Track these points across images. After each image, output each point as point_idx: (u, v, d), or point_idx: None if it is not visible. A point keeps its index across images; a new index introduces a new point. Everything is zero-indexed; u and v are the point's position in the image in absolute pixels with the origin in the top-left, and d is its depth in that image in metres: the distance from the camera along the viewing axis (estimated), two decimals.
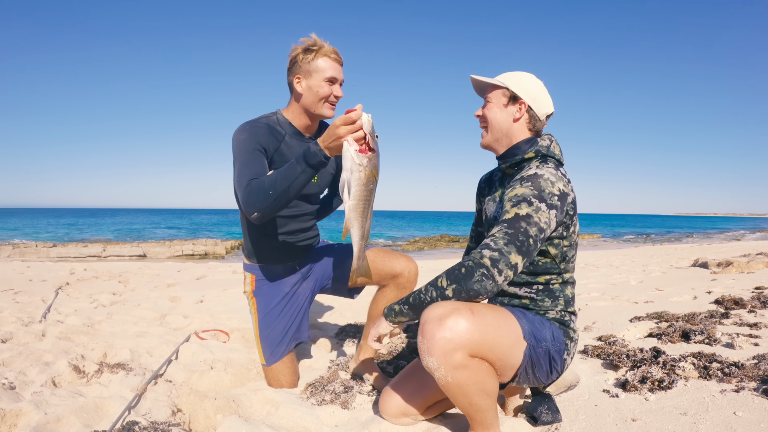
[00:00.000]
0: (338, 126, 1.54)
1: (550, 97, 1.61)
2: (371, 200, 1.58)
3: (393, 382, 1.71)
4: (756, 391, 1.63)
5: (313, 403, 1.85)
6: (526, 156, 1.54)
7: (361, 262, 1.68)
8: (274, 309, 2.09)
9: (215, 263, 9.75)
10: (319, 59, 1.86)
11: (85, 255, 13.30)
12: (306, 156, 1.63)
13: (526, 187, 1.40)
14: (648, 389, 1.74)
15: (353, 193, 1.53)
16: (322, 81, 1.87)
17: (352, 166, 1.51)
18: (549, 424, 1.58)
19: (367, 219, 1.59)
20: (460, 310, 1.29)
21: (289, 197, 1.66)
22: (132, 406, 1.75)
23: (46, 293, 4.58)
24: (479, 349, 1.30)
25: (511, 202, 1.39)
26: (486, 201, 1.73)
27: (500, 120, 1.58)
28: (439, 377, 1.31)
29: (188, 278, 6.19)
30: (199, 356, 2.44)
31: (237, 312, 3.67)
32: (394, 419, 1.64)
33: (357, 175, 1.52)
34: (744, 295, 3.40)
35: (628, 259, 8.55)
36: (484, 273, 1.30)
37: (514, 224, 1.34)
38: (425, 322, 1.31)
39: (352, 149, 1.51)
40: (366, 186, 1.53)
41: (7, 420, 1.60)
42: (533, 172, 1.45)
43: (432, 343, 1.27)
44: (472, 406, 1.37)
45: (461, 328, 1.27)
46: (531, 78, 1.59)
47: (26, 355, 2.32)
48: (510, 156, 1.59)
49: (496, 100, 1.58)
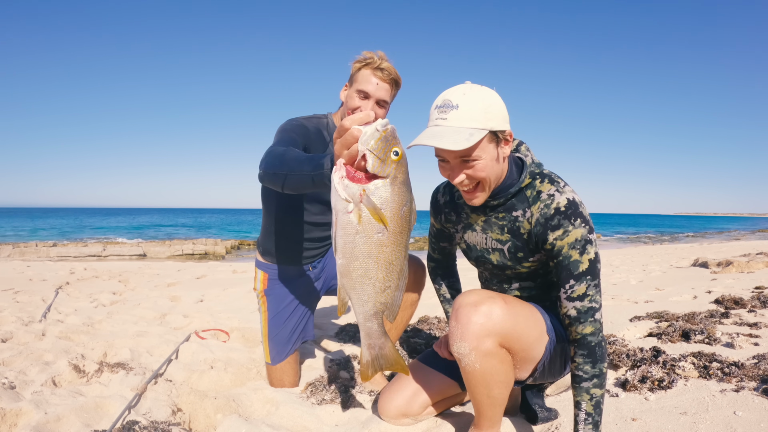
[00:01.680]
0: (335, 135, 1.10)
1: None
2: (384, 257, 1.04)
3: (392, 382, 1.71)
4: (756, 391, 1.63)
5: (314, 403, 1.85)
6: (522, 185, 1.38)
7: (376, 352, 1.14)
8: (285, 309, 2.07)
9: (215, 263, 9.75)
10: (363, 70, 1.80)
11: (85, 254, 13.30)
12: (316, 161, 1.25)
13: (579, 227, 1.32)
14: (648, 389, 1.74)
15: (340, 246, 1.03)
16: (355, 92, 1.81)
17: (336, 203, 1.01)
18: (547, 421, 1.59)
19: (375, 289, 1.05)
20: (494, 298, 1.31)
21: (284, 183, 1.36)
22: (132, 405, 1.75)
23: (46, 293, 4.58)
24: (509, 338, 1.32)
25: (576, 250, 1.32)
26: (458, 228, 1.57)
27: (498, 169, 1.32)
28: (467, 363, 1.31)
29: (188, 278, 6.19)
30: (199, 356, 2.44)
31: (237, 311, 3.67)
32: (393, 420, 1.63)
33: (344, 219, 1.00)
34: (744, 295, 3.40)
35: (628, 259, 8.55)
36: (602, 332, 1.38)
37: (594, 272, 1.34)
38: (459, 307, 1.31)
39: (337, 176, 1.00)
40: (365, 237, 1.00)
41: (8, 419, 1.60)
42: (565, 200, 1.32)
43: (467, 327, 1.28)
44: (489, 398, 1.37)
45: (496, 314, 1.28)
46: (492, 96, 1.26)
47: (26, 355, 2.32)
48: (503, 192, 1.39)
49: (487, 153, 1.26)
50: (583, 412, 1.32)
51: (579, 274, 1.33)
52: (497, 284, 1.56)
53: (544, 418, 1.59)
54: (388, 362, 1.17)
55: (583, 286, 1.33)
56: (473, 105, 1.21)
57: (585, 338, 1.34)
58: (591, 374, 1.33)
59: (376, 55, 1.81)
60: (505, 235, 1.43)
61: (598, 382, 1.33)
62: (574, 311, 1.34)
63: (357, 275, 1.04)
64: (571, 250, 1.32)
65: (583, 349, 1.34)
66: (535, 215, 1.36)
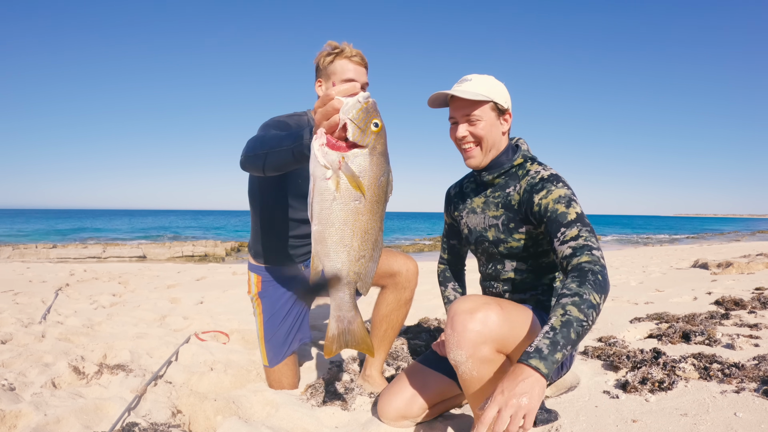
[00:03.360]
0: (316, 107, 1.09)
1: None
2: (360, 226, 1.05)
3: (391, 384, 1.71)
4: (756, 392, 1.62)
5: (313, 405, 1.84)
6: (515, 163, 1.57)
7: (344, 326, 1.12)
8: (280, 311, 2.07)
9: (215, 264, 9.75)
10: (337, 62, 1.84)
11: (84, 256, 13.29)
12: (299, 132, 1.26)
13: (562, 188, 1.44)
14: (648, 390, 1.74)
15: (316, 212, 1.04)
16: (339, 83, 1.82)
17: (315, 169, 1.03)
18: (547, 422, 1.58)
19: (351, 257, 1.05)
20: (489, 304, 1.31)
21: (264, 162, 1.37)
22: (132, 407, 1.75)
23: (46, 294, 4.57)
24: (505, 344, 1.31)
25: (561, 204, 1.41)
26: (463, 214, 1.73)
27: (495, 137, 1.56)
28: (464, 371, 1.31)
29: (188, 279, 6.18)
30: (199, 357, 2.43)
31: (237, 313, 3.67)
32: (392, 422, 1.63)
33: (321, 185, 1.02)
34: (744, 296, 3.40)
35: (628, 260, 8.55)
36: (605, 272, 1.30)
37: (584, 221, 1.37)
38: (455, 315, 1.31)
39: (317, 144, 1.03)
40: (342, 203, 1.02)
41: (7, 421, 1.60)
42: (549, 172, 1.50)
43: (463, 335, 1.27)
44: None
45: (492, 321, 1.28)
46: (498, 82, 1.57)
47: (26, 357, 2.32)
48: (497, 167, 1.59)
49: (487, 116, 1.53)
50: (548, 325, 1.15)
51: (569, 221, 1.37)
52: (493, 268, 1.63)
53: (543, 419, 1.59)
54: (354, 339, 1.15)
55: (574, 230, 1.36)
56: (483, 81, 1.53)
57: (580, 264, 1.27)
58: (574, 291, 1.19)
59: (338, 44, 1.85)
60: (500, 210, 1.58)
61: (579, 301, 1.17)
62: (569, 250, 1.34)
63: (332, 242, 1.04)
64: (556, 205, 1.41)
65: (574, 272, 1.26)
66: (523, 186, 1.52)
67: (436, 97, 1.55)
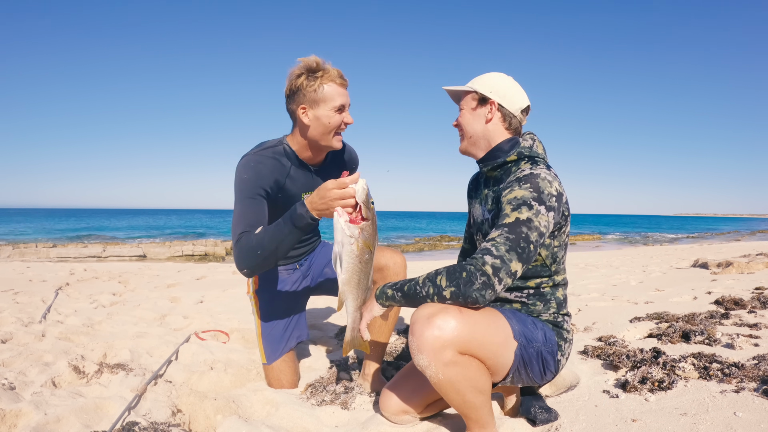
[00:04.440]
0: (330, 189, 1.44)
1: (522, 90, 1.59)
2: (367, 271, 1.47)
3: (392, 381, 1.71)
4: (756, 392, 1.62)
5: (313, 404, 1.84)
6: (508, 159, 1.54)
7: (355, 334, 1.54)
8: (276, 307, 2.11)
9: (215, 264, 9.75)
10: (325, 86, 1.72)
11: (84, 255, 13.29)
12: (293, 218, 1.57)
13: (525, 189, 1.38)
14: (648, 390, 1.74)
15: (345, 266, 1.43)
16: (331, 110, 1.74)
17: (343, 238, 1.41)
18: (547, 423, 1.58)
19: (362, 291, 1.49)
20: (448, 309, 1.32)
21: (278, 257, 1.64)
22: (132, 406, 1.75)
23: (46, 293, 4.57)
24: (468, 346, 1.32)
25: (511, 205, 1.37)
26: (474, 202, 1.74)
27: (473, 125, 1.58)
28: (431, 375, 1.33)
29: (188, 279, 6.18)
30: (199, 357, 2.43)
31: (237, 312, 3.67)
32: (394, 417, 1.64)
33: (348, 248, 1.41)
34: (744, 296, 3.40)
35: (628, 260, 8.55)
36: (485, 282, 1.28)
37: (515, 229, 1.32)
38: (415, 322, 1.33)
39: (342, 220, 1.40)
40: (359, 258, 1.43)
41: (7, 420, 1.60)
42: (529, 171, 1.44)
43: (422, 341, 1.30)
44: (465, 404, 1.38)
45: (450, 326, 1.29)
46: (498, 76, 1.59)
47: (26, 356, 2.32)
48: (491, 159, 1.58)
49: (467, 106, 1.59)
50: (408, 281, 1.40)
51: (500, 224, 1.36)
52: None
53: (544, 419, 1.59)
54: (359, 342, 1.55)
55: (495, 233, 1.34)
56: (483, 76, 1.60)
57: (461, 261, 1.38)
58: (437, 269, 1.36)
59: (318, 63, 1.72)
60: (493, 204, 1.57)
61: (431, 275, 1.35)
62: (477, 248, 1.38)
63: (354, 284, 1.46)
64: (507, 205, 1.39)
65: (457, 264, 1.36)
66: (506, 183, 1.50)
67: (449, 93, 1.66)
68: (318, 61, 1.73)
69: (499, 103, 1.55)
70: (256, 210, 1.74)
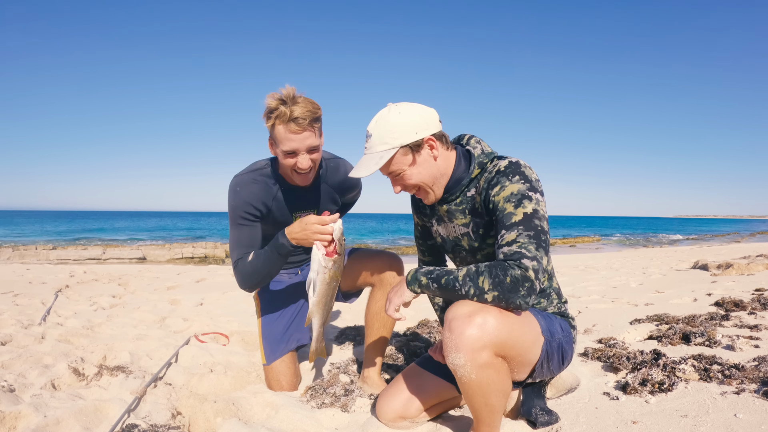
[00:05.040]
0: (311, 224, 1.63)
1: (419, 104, 1.46)
2: (332, 295, 1.72)
3: (390, 385, 1.71)
4: (757, 393, 1.62)
5: (313, 406, 1.84)
6: (472, 176, 1.47)
7: (318, 344, 1.83)
8: (277, 308, 2.14)
9: (215, 266, 9.74)
10: (277, 128, 1.68)
11: (84, 258, 13.28)
12: (276, 246, 1.78)
13: (516, 182, 1.36)
14: (648, 391, 1.74)
15: (317, 290, 1.68)
16: (282, 153, 1.73)
17: (319, 268, 1.65)
18: (548, 425, 1.58)
19: (327, 311, 1.74)
20: (489, 309, 1.28)
21: (271, 276, 1.87)
22: (131, 409, 1.75)
23: (46, 296, 4.57)
24: (504, 347, 1.30)
25: (511, 203, 1.34)
26: (433, 221, 1.67)
27: (425, 173, 1.45)
28: (463, 374, 1.30)
29: (188, 281, 6.18)
30: (198, 359, 2.43)
31: (237, 315, 3.67)
32: (390, 422, 1.63)
33: (322, 276, 1.65)
34: (744, 297, 3.40)
35: (628, 262, 8.55)
36: (530, 287, 1.24)
37: (529, 224, 1.30)
38: (453, 319, 1.29)
39: (321, 253, 1.64)
40: (329, 285, 1.67)
41: (6, 422, 1.60)
42: (508, 162, 1.40)
43: (461, 339, 1.26)
44: (487, 406, 1.36)
45: (490, 325, 1.26)
46: (401, 111, 1.41)
47: (26, 358, 2.32)
48: (455, 187, 1.50)
49: (403, 164, 1.43)
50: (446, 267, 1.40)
51: (510, 224, 1.31)
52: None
53: (544, 422, 1.58)
54: (321, 351, 1.84)
55: (513, 233, 1.29)
56: (382, 130, 1.41)
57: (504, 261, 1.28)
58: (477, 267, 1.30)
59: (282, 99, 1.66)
60: (467, 217, 1.51)
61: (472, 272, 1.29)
62: (501, 255, 1.29)
63: (321, 305, 1.71)
64: (506, 203, 1.34)
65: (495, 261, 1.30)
66: (482, 185, 1.45)
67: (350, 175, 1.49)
68: (280, 99, 1.66)
69: (431, 134, 1.42)
70: (248, 234, 1.89)
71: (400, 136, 1.39)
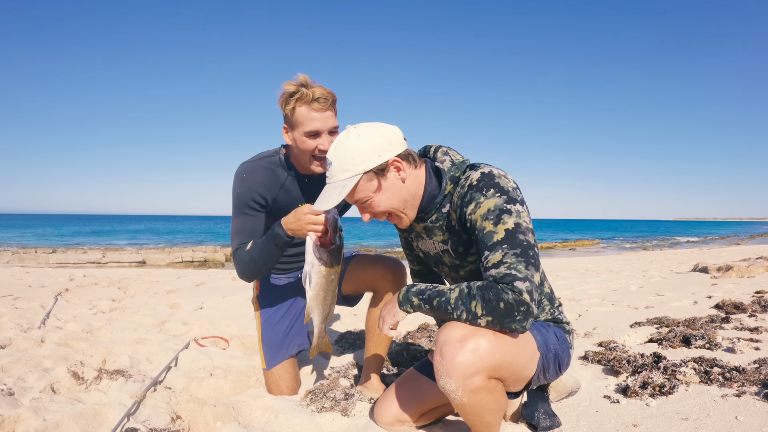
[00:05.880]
0: (304, 213, 1.56)
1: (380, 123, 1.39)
2: (332, 288, 1.62)
3: (389, 389, 1.70)
4: (757, 396, 1.62)
5: (313, 410, 1.84)
6: (446, 192, 1.39)
7: (320, 341, 1.77)
8: (276, 312, 2.12)
9: (215, 270, 9.74)
10: (298, 110, 1.70)
11: (84, 261, 13.28)
12: (273, 236, 1.72)
13: (492, 197, 1.27)
14: (649, 394, 1.73)
15: (314, 284, 1.59)
16: (303, 135, 1.73)
17: (313, 259, 1.56)
18: (549, 429, 1.58)
19: (327, 306, 1.65)
20: (481, 332, 1.23)
21: (269, 267, 1.82)
22: (131, 412, 1.74)
23: (46, 299, 4.57)
24: (498, 370, 1.27)
25: (489, 221, 1.25)
26: (412, 236, 1.60)
27: (395, 198, 1.37)
28: (456, 398, 1.26)
29: (188, 285, 6.18)
30: (198, 363, 2.43)
31: (236, 319, 3.66)
32: (389, 427, 1.63)
33: (317, 269, 1.57)
34: (744, 300, 3.39)
35: (628, 265, 8.55)
36: (526, 310, 1.18)
37: (513, 241, 1.22)
38: (444, 343, 1.24)
39: (313, 243, 1.55)
40: (326, 278, 1.58)
41: (6, 426, 1.60)
42: (479, 175, 1.32)
43: (452, 365, 1.21)
44: (482, 423, 1.35)
45: (483, 350, 1.21)
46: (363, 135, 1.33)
47: (25, 361, 2.31)
48: (430, 204, 1.42)
49: (368, 190, 1.35)
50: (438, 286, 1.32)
51: (493, 243, 1.23)
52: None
53: (546, 426, 1.58)
54: (324, 345, 1.80)
55: (498, 254, 1.21)
56: (341, 157, 1.34)
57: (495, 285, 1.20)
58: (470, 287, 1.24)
59: (301, 83, 1.69)
60: (445, 234, 1.44)
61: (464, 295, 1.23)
62: (490, 279, 1.22)
63: (320, 300, 1.63)
64: (484, 222, 1.26)
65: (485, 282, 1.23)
66: (456, 202, 1.36)
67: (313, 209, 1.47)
68: (298, 83, 1.70)
69: (395, 155, 1.34)
70: (250, 223, 1.86)
71: (362, 161, 1.31)
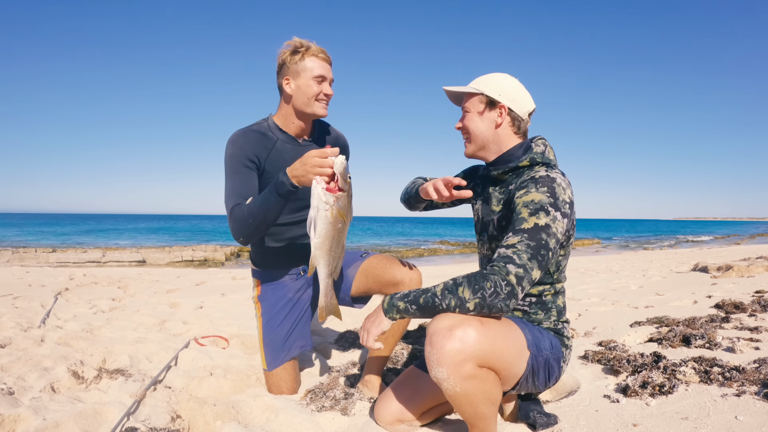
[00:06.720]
0: (311, 157, 1.54)
1: (528, 93, 1.56)
2: (339, 239, 1.56)
3: (388, 388, 1.70)
4: (757, 395, 1.62)
5: (313, 410, 1.84)
6: (520, 164, 1.52)
7: (328, 300, 1.65)
8: (278, 314, 2.09)
9: (215, 269, 9.74)
10: (306, 59, 1.88)
11: (84, 260, 13.29)
12: (276, 185, 1.65)
13: (542, 193, 1.37)
14: (649, 394, 1.73)
15: (319, 231, 1.52)
16: (311, 80, 1.88)
17: (319, 203, 1.50)
18: (547, 427, 1.58)
19: (334, 258, 1.57)
20: (469, 321, 1.27)
21: (268, 224, 1.74)
22: (131, 412, 1.75)
23: (46, 298, 4.57)
24: (488, 359, 1.29)
25: (528, 209, 1.35)
26: (478, 199, 1.70)
27: (482, 128, 1.54)
28: (447, 387, 1.29)
29: (188, 284, 6.18)
30: (198, 362, 2.43)
31: (236, 318, 3.67)
32: (389, 426, 1.63)
33: (323, 214, 1.50)
34: (744, 299, 3.40)
35: (628, 264, 8.55)
36: (511, 291, 1.26)
37: (535, 235, 1.30)
38: (434, 333, 1.28)
39: (320, 187, 1.50)
40: (333, 225, 1.52)
41: (6, 425, 1.60)
42: (545, 174, 1.43)
43: (442, 353, 1.25)
44: (476, 415, 1.36)
45: (471, 338, 1.25)
46: (506, 78, 1.54)
47: (25, 361, 2.31)
48: (503, 163, 1.55)
49: (474, 108, 1.54)
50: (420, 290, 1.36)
51: (519, 229, 1.32)
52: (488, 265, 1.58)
53: (543, 423, 1.59)
54: (332, 308, 1.67)
55: (516, 238, 1.31)
56: (486, 78, 1.56)
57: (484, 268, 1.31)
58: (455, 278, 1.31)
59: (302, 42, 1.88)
60: (500, 206, 1.55)
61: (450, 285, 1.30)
62: (496, 255, 1.31)
63: (326, 249, 1.55)
64: (523, 208, 1.36)
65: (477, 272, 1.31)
66: (517, 183, 1.48)
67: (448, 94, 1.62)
68: (302, 41, 1.89)
69: (509, 107, 1.51)
70: (245, 182, 1.84)
71: (488, 88, 1.52)
